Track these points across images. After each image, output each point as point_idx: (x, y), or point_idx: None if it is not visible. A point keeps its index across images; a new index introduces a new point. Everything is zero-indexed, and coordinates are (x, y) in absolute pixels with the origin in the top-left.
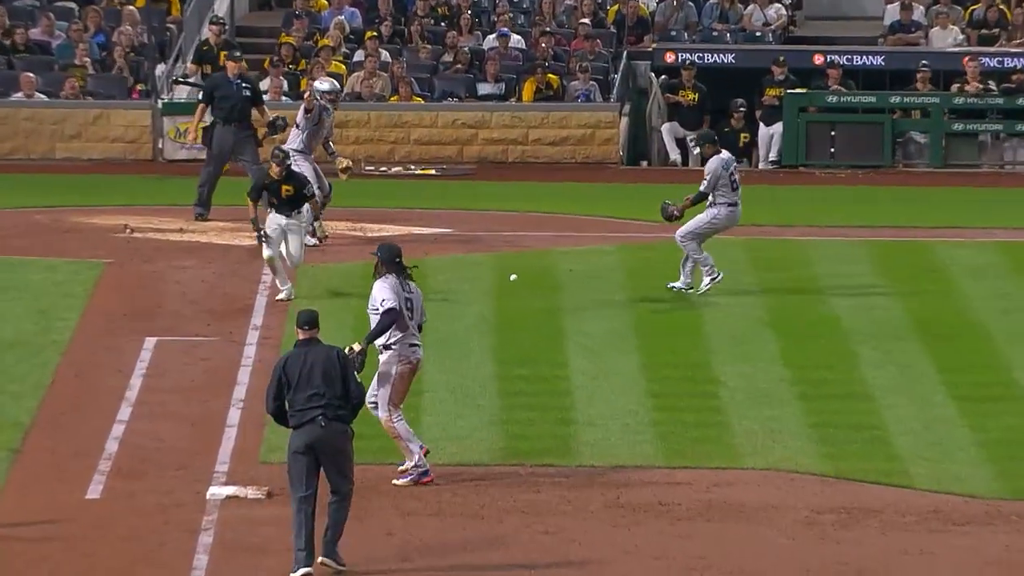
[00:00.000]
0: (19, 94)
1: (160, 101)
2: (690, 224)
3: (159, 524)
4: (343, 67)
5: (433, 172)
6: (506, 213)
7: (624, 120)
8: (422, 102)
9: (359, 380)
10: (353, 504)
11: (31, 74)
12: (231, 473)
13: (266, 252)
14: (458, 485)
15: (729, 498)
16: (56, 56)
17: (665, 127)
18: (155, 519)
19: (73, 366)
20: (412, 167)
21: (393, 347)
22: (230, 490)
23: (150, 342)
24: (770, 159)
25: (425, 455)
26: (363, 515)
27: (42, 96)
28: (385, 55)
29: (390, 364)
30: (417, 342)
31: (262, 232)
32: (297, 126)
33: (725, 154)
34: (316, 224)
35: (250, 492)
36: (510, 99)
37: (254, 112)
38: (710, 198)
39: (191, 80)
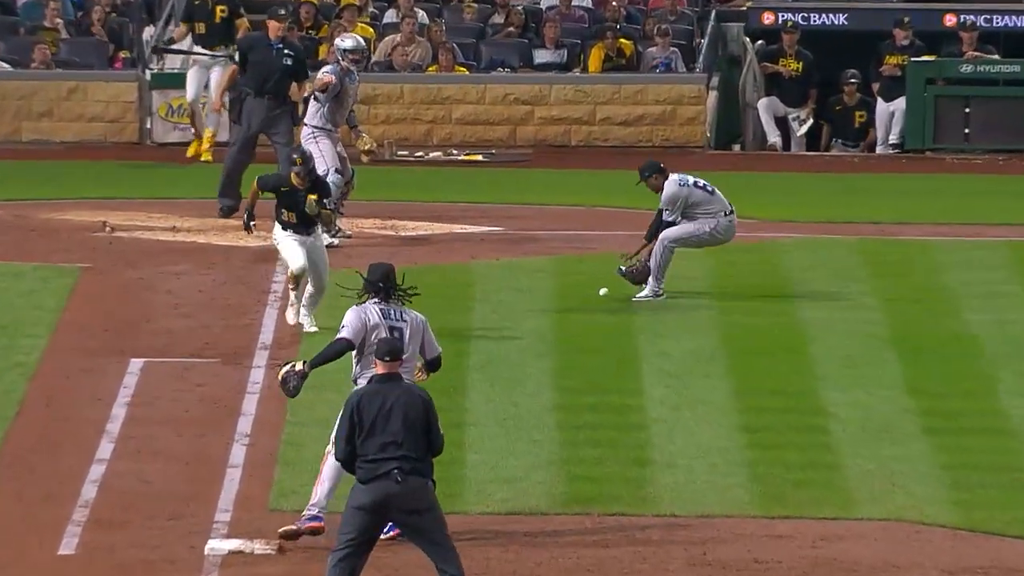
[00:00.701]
0: None
1: (148, 72)
2: (682, 231)
3: None
4: (371, 30)
5: (480, 158)
6: (568, 208)
7: (712, 95)
8: (466, 73)
9: (441, 431)
10: (381, 562)
11: None
12: (234, 523)
13: (295, 263)
14: (509, 538)
15: (840, 555)
16: (22, 17)
17: (762, 103)
18: None
19: (43, 393)
20: (454, 152)
21: (358, 382)
22: (233, 544)
23: (135, 364)
24: (890, 142)
25: (317, 526)
26: (392, 574)
27: (4, 66)
28: (422, 15)
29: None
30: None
31: (254, 225)
32: (315, 98)
33: (675, 174)
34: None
35: (257, 547)
36: (573, 69)
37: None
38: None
39: (177, 47)
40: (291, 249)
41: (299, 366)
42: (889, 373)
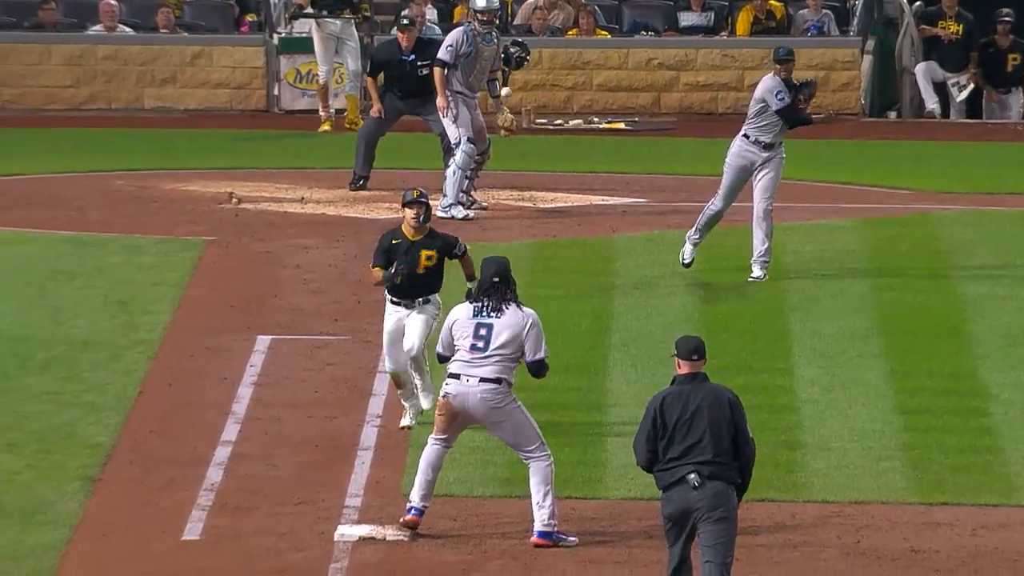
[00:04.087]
0: (98, 27)
1: (276, 36)
2: (774, 182)
3: (274, 572)
4: None
5: (622, 126)
6: (714, 179)
7: (867, 59)
8: (608, 37)
9: (751, 435)
10: (520, 550)
11: (113, 1)
12: (365, 508)
13: (389, 364)
14: (655, 524)
15: (1002, 544)
16: None
17: (920, 68)
18: (268, 566)
19: (165, 373)
20: (595, 120)
21: (449, 370)
22: (364, 530)
23: (262, 342)
24: None
25: (411, 519)
26: (533, 563)
27: (126, 29)
28: None
29: None
30: (459, 372)
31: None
32: (447, 64)
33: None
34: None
35: (389, 533)
36: (720, 33)
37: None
38: (765, 138)
39: (307, 11)
40: (387, 341)
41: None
42: None
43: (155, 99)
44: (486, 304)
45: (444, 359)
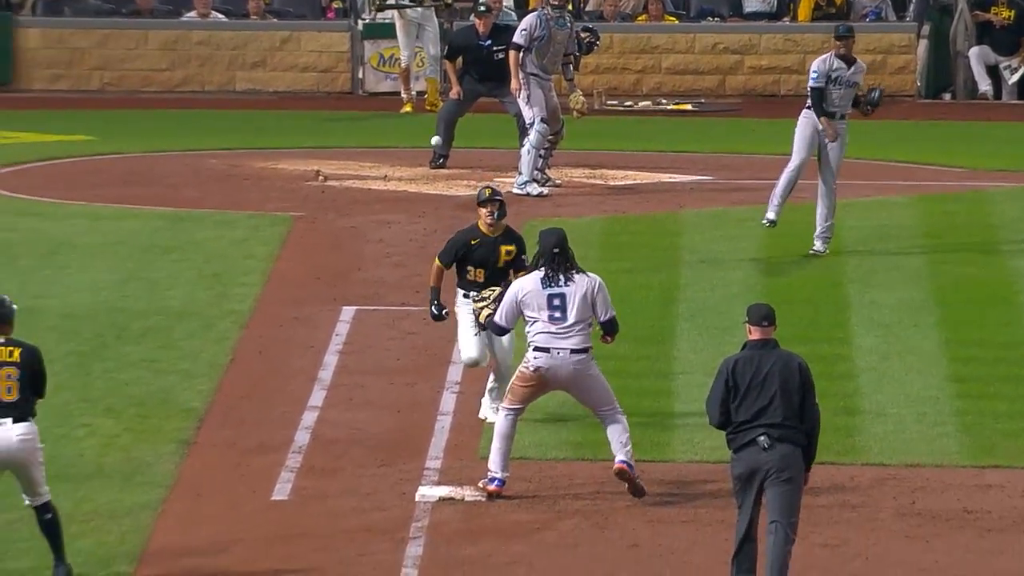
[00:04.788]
0: (191, 13)
1: (360, 22)
2: (838, 159)
3: (358, 531)
4: None
5: (689, 108)
6: (777, 157)
7: (922, 44)
8: (675, 22)
9: (816, 402)
10: (592, 510)
11: None
12: (444, 471)
13: (467, 353)
14: (720, 486)
15: None
16: None
17: (973, 52)
18: (353, 525)
19: (255, 342)
20: (663, 101)
21: (533, 343)
22: (444, 491)
23: (347, 312)
24: None
25: (495, 490)
26: (604, 522)
27: (219, 16)
28: None
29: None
30: (547, 346)
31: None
32: (521, 48)
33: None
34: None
35: (468, 493)
36: (783, 18)
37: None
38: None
39: (391, 1)
40: (465, 332)
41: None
42: None
43: (246, 82)
44: (552, 274)
45: (502, 331)
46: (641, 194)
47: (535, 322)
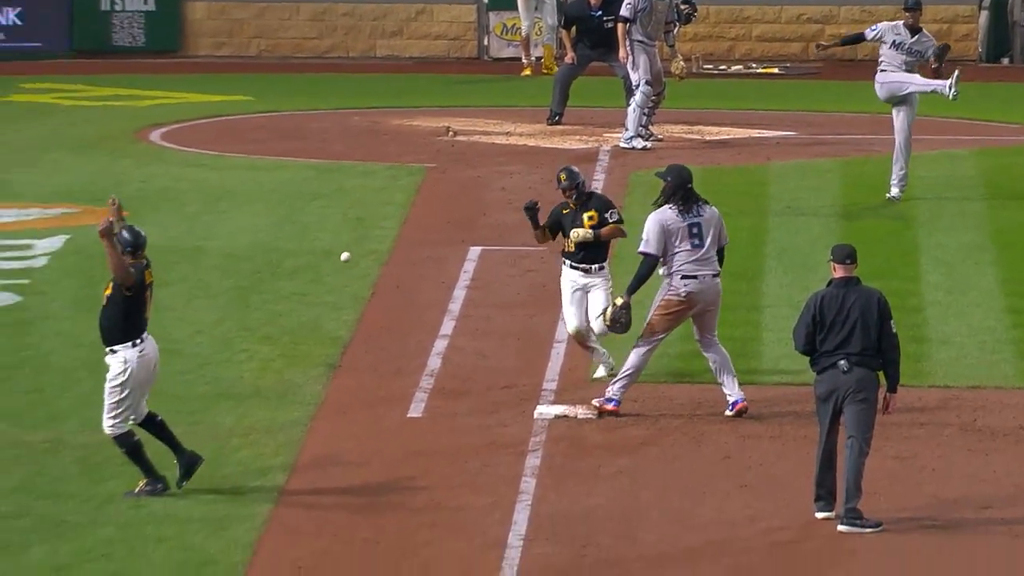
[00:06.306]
0: None
1: None
2: (912, 115)
3: (483, 445)
4: None
5: (776, 71)
6: (854, 115)
7: (984, 14)
8: None
9: (895, 331)
10: (690, 427)
11: None
12: (559, 392)
13: (570, 324)
14: (802, 407)
15: None
16: None
17: None
18: (479, 439)
19: (393, 278)
20: (753, 66)
21: (667, 275)
22: (559, 409)
23: (474, 252)
24: None
25: (613, 409)
26: (700, 438)
27: None
28: None
29: (660, 291)
30: (695, 273)
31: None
32: (627, 20)
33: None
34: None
35: (580, 412)
36: None
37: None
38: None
39: None
40: (567, 302)
41: (619, 300)
42: None
43: (385, 49)
44: (686, 206)
45: (652, 260)
46: (733, 148)
47: (677, 253)
